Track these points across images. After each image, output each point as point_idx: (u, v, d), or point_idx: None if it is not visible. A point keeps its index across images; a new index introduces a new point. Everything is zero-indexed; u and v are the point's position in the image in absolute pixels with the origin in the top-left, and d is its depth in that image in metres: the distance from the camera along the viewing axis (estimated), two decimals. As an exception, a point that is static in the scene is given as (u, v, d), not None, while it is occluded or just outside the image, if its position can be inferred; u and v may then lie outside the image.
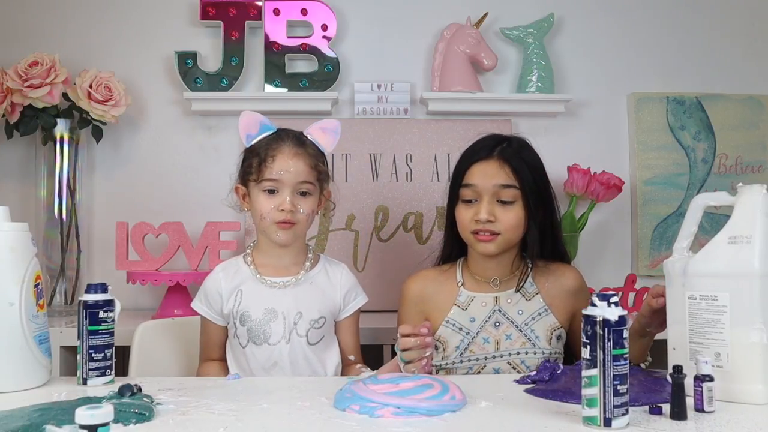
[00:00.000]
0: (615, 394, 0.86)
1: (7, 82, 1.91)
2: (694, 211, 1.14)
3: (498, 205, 1.35)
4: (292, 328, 1.35)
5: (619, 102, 2.27)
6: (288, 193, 1.34)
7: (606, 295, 0.89)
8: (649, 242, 2.22)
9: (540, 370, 1.16)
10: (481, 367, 1.36)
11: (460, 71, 2.12)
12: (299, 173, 1.34)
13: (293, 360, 1.34)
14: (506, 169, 1.36)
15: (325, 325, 1.38)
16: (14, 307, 1.09)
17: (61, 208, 2.01)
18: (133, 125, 2.17)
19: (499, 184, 1.35)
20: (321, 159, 1.40)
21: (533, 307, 1.39)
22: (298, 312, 1.36)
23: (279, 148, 1.35)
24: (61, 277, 1.99)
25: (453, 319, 1.39)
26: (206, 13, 2.12)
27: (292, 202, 1.33)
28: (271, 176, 1.34)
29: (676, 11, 2.28)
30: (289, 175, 1.34)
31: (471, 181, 1.37)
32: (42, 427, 0.85)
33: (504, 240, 1.36)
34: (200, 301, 1.41)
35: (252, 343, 1.35)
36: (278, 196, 1.34)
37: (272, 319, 1.35)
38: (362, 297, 1.46)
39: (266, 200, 1.35)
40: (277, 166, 1.34)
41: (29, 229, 1.15)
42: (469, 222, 1.37)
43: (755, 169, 2.24)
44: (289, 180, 1.34)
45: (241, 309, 1.36)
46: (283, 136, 1.38)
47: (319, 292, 1.39)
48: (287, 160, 1.34)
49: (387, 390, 0.97)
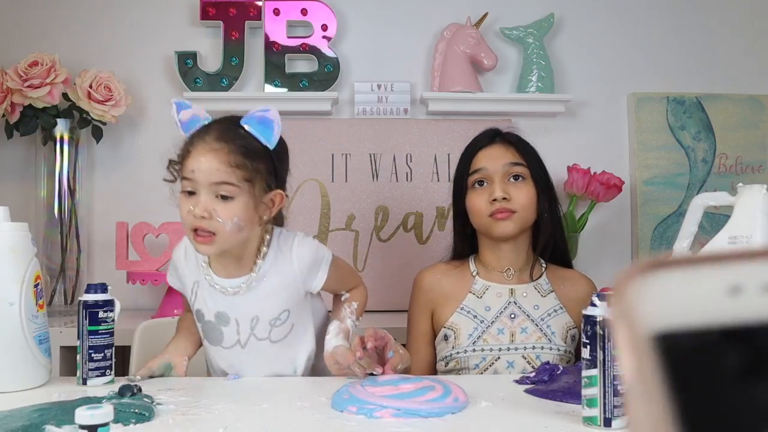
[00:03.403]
0: (615, 394, 0.86)
1: (7, 82, 1.91)
2: (694, 211, 1.14)
3: (510, 184, 1.37)
4: (249, 333, 1.22)
5: (619, 102, 2.27)
6: (203, 195, 1.12)
7: (606, 295, 0.89)
8: (649, 242, 2.22)
9: (539, 370, 1.16)
10: (495, 358, 1.34)
11: (460, 71, 2.12)
12: (212, 172, 1.11)
13: (251, 363, 1.24)
14: (512, 150, 1.40)
15: (291, 315, 1.23)
16: (14, 307, 1.09)
17: (61, 208, 2.01)
18: (133, 125, 2.17)
19: (509, 162, 1.38)
20: (256, 155, 1.14)
21: (549, 304, 1.40)
22: (254, 317, 1.21)
23: (196, 143, 1.14)
24: (61, 277, 1.99)
25: (468, 306, 1.39)
26: (206, 13, 2.12)
27: (205, 207, 1.11)
28: (185, 174, 1.14)
29: (676, 11, 2.28)
30: (201, 174, 1.12)
31: (479, 165, 1.39)
32: (42, 427, 0.85)
33: (520, 218, 1.37)
34: (171, 275, 1.33)
35: (207, 341, 1.26)
36: (194, 199, 1.13)
37: (224, 324, 1.22)
38: (327, 257, 1.26)
39: (183, 202, 1.14)
40: (192, 163, 1.13)
41: (29, 229, 1.15)
42: (484, 206, 1.37)
43: (755, 169, 2.24)
44: (202, 180, 1.12)
45: (196, 305, 1.26)
46: (211, 126, 1.16)
47: (274, 288, 1.22)
48: (199, 156, 1.12)
49: (386, 392, 0.97)
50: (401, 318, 1.58)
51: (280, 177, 1.21)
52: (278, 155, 1.19)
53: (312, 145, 2.13)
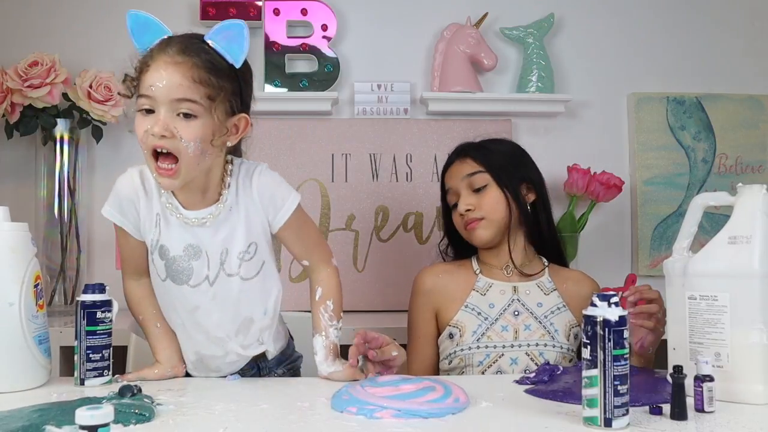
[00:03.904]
0: (615, 394, 0.86)
1: (7, 82, 1.91)
2: (694, 211, 1.14)
3: (474, 195, 1.44)
4: (219, 268, 1.15)
5: (619, 102, 2.27)
6: (162, 113, 1.05)
7: (606, 295, 0.89)
8: (649, 242, 2.22)
9: (540, 371, 1.16)
10: (499, 355, 1.35)
11: (460, 71, 2.12)
12: (173, 88, 1.04)
13: (219, 303, 1.16)
14: (468, 161, 1.46)
15: (258, 250, 1.17)
16: (14, 307, 1.09)
17: (61, 208, 2.01)
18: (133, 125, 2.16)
19: (465, 175, 1.45)
20: (221, 72, 1.08)
21: (552, 301, 1.41)
22: (223, 249, 1.15)
23: (156, 56, 1.07)
24: (61, 277, 1.99)
25: (472, 304, 1.40)
26: (206, 13, 2.12)
27: (165, 125, 1.04)
28: (143, 91, 1.06)
29: (677, 11, 2.28)
30: (161, 90, 1.04)
31: (447, 185, 1.49)
32: (42, 427, 0.85)
33: (489, 222, 1.42)
34: (112, 206, 1.18)
35: (170, 281, 1.16)
36: (152, 117, 1.06)
37: (194, 257, 1.14)
38: (293, 196, 1.19)
39: (140, 121, 1.07)
40: (152, 77, 1.05)
41: (29, 229, 1.15)
42: (459, 221, 1.47)
43: (755, 169, 2.24)
44: (162, 96, 1.04)
45: (161, 241, 1.15)
46: (171, 40, 1.09)
47: (241, 218, 1.16)
48: (160, 70, 1.05)
49: (387, 393, 0.97)
50: (401, 318, 1.58)
51: (245, 101, 1.13)
52: (243, 75, 1.12)
53: (312, 145, 2.13)
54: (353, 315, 1.89)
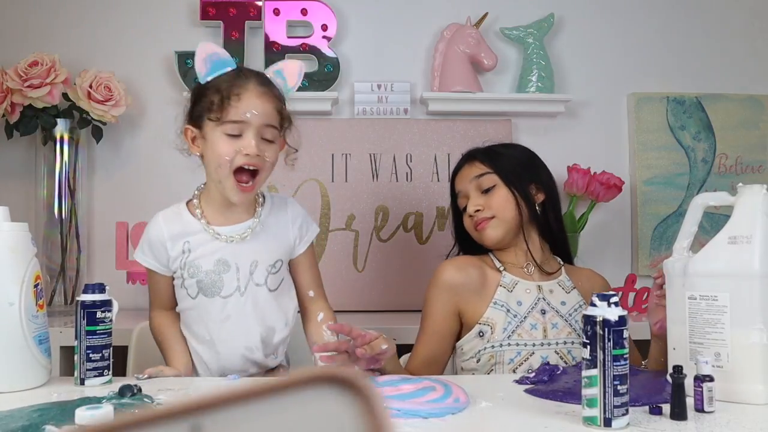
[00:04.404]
0: (615, 394, 0.86)
1: (7, 82, 1.91)
2: (694, 211, 1.14)
3: (482, 196, 1.43)
4: (248, 279, 1.26)
5: (619, 102, 2.27)
6: (252, 136, 1.19)
7: (606, 295, 0.89)
8: (649, 242, 2.22)
9: (540, 371, 1.16)
10: (530, 353, 1.34)
11: (460, 71, 2.12)
12: (266, 115, 1.20)
13: (248, 312, 1.26)
14: (476, 164, 1.46)
15: (282, 267, 1.30)
16: (14, 307, 1.09)
17: (61, 208, 2.01)
18: (133, 125, 2.17)
19: (473, 177, 1.44)
20: (284, 102, 1.26)
21: (573, 300, 1.41)
22: (254, 261, 1.26)
23: (244, 86, 1.20)
24: (61, 277, 1.99)
25: (500, 300, 1.37)
26: (206, 13, 2.12)
27: (258, 147, 1.19)
28: (237, 117, 1.19)
29: (676, 11, 2.28)
30: (256, 117, 1.19)
31: (457, 189, 1.49)
32: (42, 427, 0.85)
33: (498, 221, 1.40)
34: (143, 252, 1.29)
35: (202, 296, 1.26)
36: (242, 140, 1.19)
37: (224, 271, 1.25)
38: (314, 227, 1.36)
39: (227, 144, 1.19)
40: (243, 105, 1.18)
41: (29, 229, 1.15)
42: (469, 223, 1.45)
43: (755, 169, 2.24)
44: (256, 122, 1.19)
45: (189, 260, 1.25)
46: (247, 73, 1.23)
47: (271, 235, 1.29)
48: (254, 99, 1.19)
49: (386, 393, 0.97)
50: (401, 318, 1.58)
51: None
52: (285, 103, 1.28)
53: (312, 145, 2.13)
54: (353, 315, 1.89)
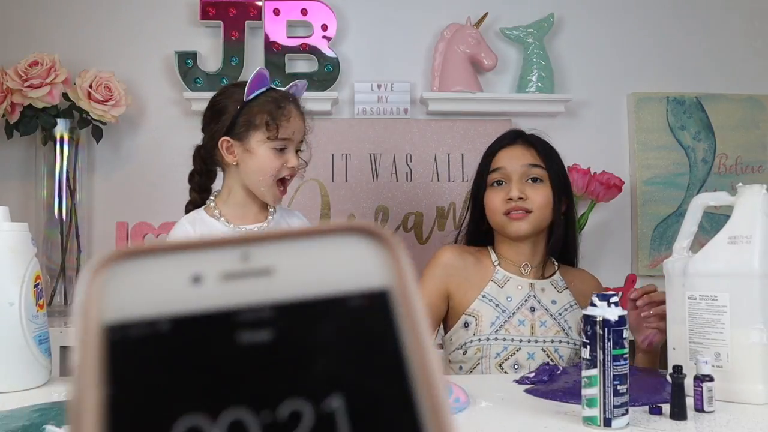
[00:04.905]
0: (615, 394, 0.86)
1: (7, 82, 1.91)
2: (694, 211, 1.14)
3: (527, 185, 1.39)
4: None
5: (619, 102, 2.27)
6: (291, 152, 1.37)
7: (606, 295, 0.89)
8: (649, 242, 2.22)
9: (539, 371, 1.16)
10: (516, 349, 1.35)
11: (460, 71, 2.12)
12: (302, 134, 1.40)
13: None
14: (532, 152, 1.42)
15: None
16: (14, 307, 1.08)
17: (61, 208, 2.01)
18: (133, 125, 2.17)
19: (527, 164, 1.40)
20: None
21: (565, 299, 1.42)
22: None
23: (290, 109, 1.37)
24: (61, 277, 1.99)
25: (490, 294, 1.38)
26: (206, 13, 2.12)
27: (295, 161, 1.38)
28: (285, 135, 1.35)
29: (676, 11, 2.28)
30: (298, 135, 1.38)
31: (499, 164, 1.42)
32: (42, 427, 0.85)
33: (535, 218, 1.38)
34: None
35: None
36: (285, 155, 1.37)
37: None
38: None
39: (275, 158, 1.35)
40: (291, 125, 1.36)
41: (29, 229, 1.15)
42: (500, 204, 1.39)
43: (755, 169, 2.24)
44: (297, 139, 1.38)
45: None
46: (287, 95, 1.41)
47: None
48: (298, 120, 1.38)
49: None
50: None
51: None
52: None
53: (312, 145, 2.13)
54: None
